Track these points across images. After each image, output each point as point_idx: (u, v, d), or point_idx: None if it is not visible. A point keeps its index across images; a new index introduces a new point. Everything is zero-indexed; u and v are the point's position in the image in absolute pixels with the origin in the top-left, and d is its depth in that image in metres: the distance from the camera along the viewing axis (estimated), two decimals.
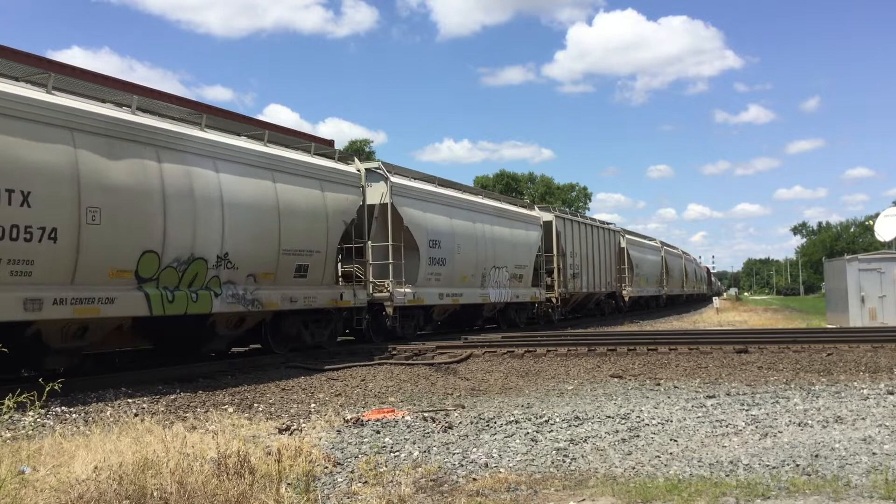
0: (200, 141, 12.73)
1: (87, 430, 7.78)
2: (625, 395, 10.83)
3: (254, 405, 10.18)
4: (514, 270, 24.21)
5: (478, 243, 21.96)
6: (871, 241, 67.03)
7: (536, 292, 26.31)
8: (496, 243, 22.97)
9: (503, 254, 23.39)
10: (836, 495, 5.30)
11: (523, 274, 24.92)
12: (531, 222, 26.54)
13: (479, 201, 23.21)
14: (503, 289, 23.45)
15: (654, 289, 45.63)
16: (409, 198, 18.88)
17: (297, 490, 5.20)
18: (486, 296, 22.56)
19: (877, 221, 34.37)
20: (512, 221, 24.63)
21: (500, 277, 23.19)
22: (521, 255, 24.79)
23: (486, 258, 22.36)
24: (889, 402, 9.60)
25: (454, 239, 20.47)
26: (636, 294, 40.13)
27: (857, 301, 24.91)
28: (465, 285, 21.13)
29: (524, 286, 25.28)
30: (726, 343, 15.80)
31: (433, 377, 12.82)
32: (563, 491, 5.59)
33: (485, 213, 22.98)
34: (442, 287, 19.96)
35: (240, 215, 13.12)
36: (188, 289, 12.19)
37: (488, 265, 22.45)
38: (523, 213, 26.43)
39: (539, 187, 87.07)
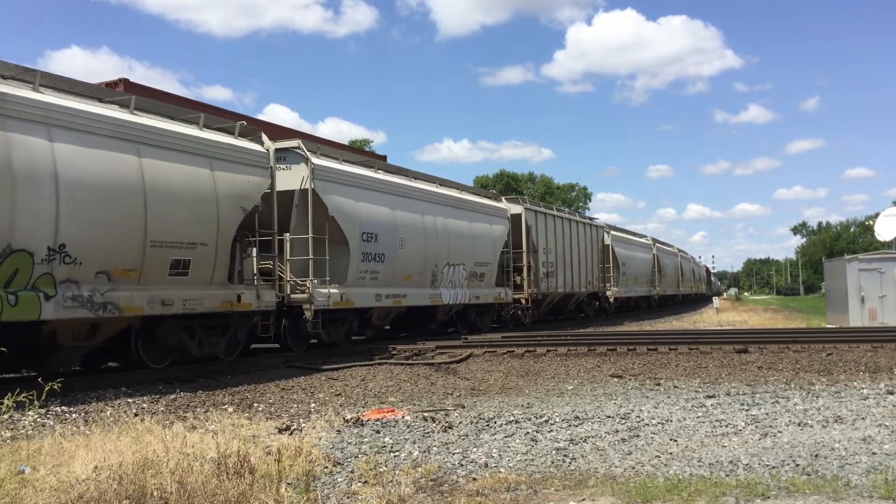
0: (25, 102, 10.11)
1: (87, 430, 7.78)
2: (625, 394, 10.83)
3: (254, 405, 10.18)
4: (474, 268, 21.48)
5: (428, 237, 19.11)
6: (871, 241, 67.03)
7: (501, 293, 23.48)
8: (451, 237, 20.20)
9: (460, 249, 20.62)
10: (836, 495, 5.30)
11: (485, 272, 22.18)
12: (496, 215, 23.49)
13: (430, 189, 20.24)
14: (460, 289, 20.70)
15: (645, 289, 42.54)
16: (336, 183, 16.06)
17: (297, 490, 5.20)
18: (438, 297, 19.70)
19: (877, 221, 34.41)
20: (472, 213, 21.77)
21: (457, 276, 20.50)
22: (482, 251, 22.07)
23: (438, 254, 19.56)
24: (889, 401, 9.60)
25: (396, 232, 17.74)
26: (623, 294, 37.48)
27: (857, 301, 24.92)
28: (410, 285, 18.41)
29: (486, 286, 22.53)
30: (726, 343, 15.80)
31: (433, 377, 12.82)
32: (563, 491, 5.59)
33: (437, 203, 20.09)
34: (380, 287, 17.25)
35: (84, 197, 10.57)
36: (4, 289, 9.68)
37: (440, 262, 19.66)
38: (487, 204, 23.41)
39: (539, 187, 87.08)
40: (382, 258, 17.23)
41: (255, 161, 13.74)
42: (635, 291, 40.13)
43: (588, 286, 31.56)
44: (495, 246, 23.12)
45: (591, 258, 32.12)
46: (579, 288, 30.43)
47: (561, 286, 28.25)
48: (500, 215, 23.80)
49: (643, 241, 44.79)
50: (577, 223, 30.95)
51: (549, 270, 26.99)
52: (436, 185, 20.93)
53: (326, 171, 15.92)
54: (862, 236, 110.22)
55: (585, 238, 31.38)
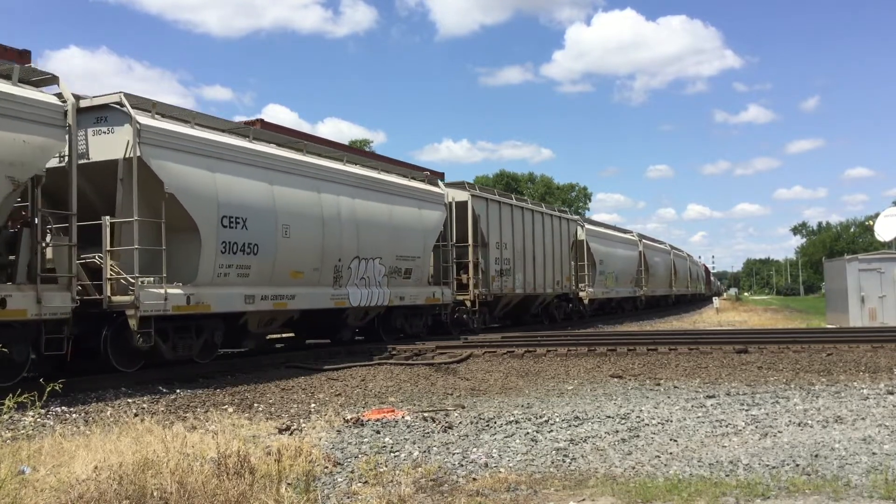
0: None
1: (87, 430, 7.79)
2: (625, 395, 10.84)
3: (254, 405, 10.19)
4: (397, 263, 17.83)
5: (327, 225, 15.33)
6: (871, 241, 67.04)
7: (437, 293, 19.63)
8: (363, 226, 16.46)
9: (375, 240, 16.95)
10: (835, 495, 5.30)
11: (413, 268, 18.35)
12: (429, 200, 19.62)
13: (328, 166, 16.14)
14: (376, 288, 17.03)
15: (628, 289, 38.65)
16: (178, 151, 12.17)
17: (297, 490, 5.20)
18: (344, 298, 15.94)
19: (877, 221, 34.41)
20: (393, 197, 17.97)
21: (371, 272, 16.84)
22: (408, 242, 18.24)
23: (343, 246, 15.87)
24: (889, 402, 9.60)
25: (276, 216, 13.90)
26: (602, 296, 33.77)
27: (857, 301, 24.92)
28: (300, 283, 14.67)
29: (415, 284, 18.67)
30: (726, 343, 15.82)
31: (433, 377, 12.83)
32: (562, 491, 5.59)
33: (341, 182, 16.18)
34: (253, 286, 13.40)
35: None
36: None
37: (346, 256, 15.96)
38: (414, 187, 19.19)
39: (539, 187, 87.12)
40: (255, 249, 13.39)
41: (40, 116, 10.35)
42: (617, 292, 36.43)
43: (556, 286, 27.82)
44: (427, 237, 19.23)
45: (561, 255, 28.37)
46: (544, 288, 26.67)
47: (520, 286, 24.68)
48: (434, 201, 19.92)
49: (627, 236, 41.10)
50: (541, 215, 27.09)
51: (504, 268, 23.46)
52: (341, 163, 16.85)
53: (162, 135, 11.96)
54: (862, 236, 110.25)
55: (553, 232, 27.72)
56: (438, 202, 20.21)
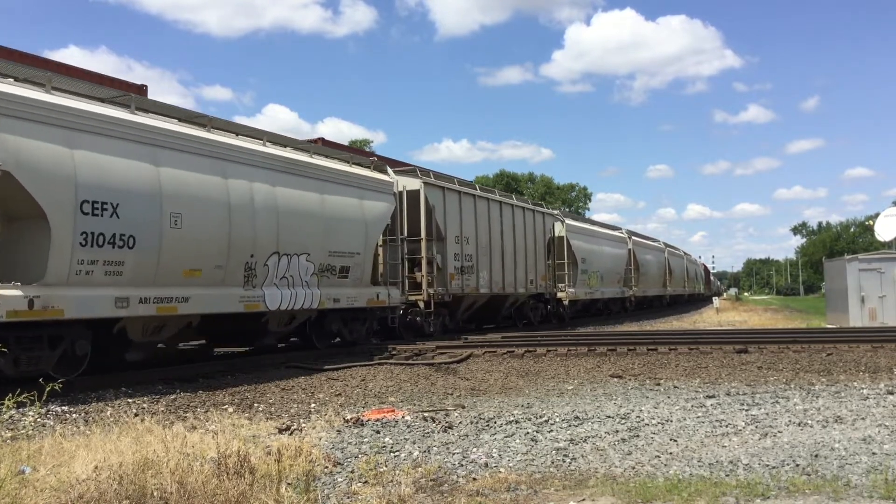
0: None
1: (88, 430, 7.79)
2: (625, 394, 10.84)
3: (254, 405, 10.19)
4: (330, 261, 15.32)
5: (235, 213, 12.78)
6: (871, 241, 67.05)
7: (382, 293, 17.11)
8: (285, 216, 13.94)
9: (301, 233, 14.46)
10: (835, 495, 5.30)
11: (351, 266, 15.84)
12: (373, 188, 16.99)
13: (239, 145, 13.35)
14: (303, 289, 14.53)
15: (615, 289, 36.35)
16: (20, 119, 9.81)
17: (297, 490, 5.20)
18: (258, 300, 13.40)
19: (877, 221, 34.40)
20: (327, 184, 15.45)
21: (296, 271, 14.36)
22: (345, 236, 15.67)
23: (258, 239, 13.30)
24: (889, 402, 9.61)
25: (162, 203, 11.47)
26: (585, 296, 31.55)
27: (857, 301, 24.93)
28: (197, 284, 12.19)
29: (354, 284, 16.06)
30: (726, 343, 15.82)
31: (433, 377, 12.83)
32: (563, 491, 5.59)
33: (257, 164, 13.49)
34: (128, 287, 11.04)
35: None
36: None
37: (262, 251, 13.42)
38: (356, 174, 16.60)
39: (539, 187, 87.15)
40: (131, 242, 11.07)
41: None
42: (602, 293, 34.09)
43: (530, 286, 25.68)
44: (370, 231, 16.58)
45: (535, 252, 26.25)
46: (516, 288, 24.56)
47: (485, 285, 22.44)
48: (380, 189, 17.24)
49: (614, 233, 39.01)
50: (511, 207, 24.86)
51: (465, 265, 21.21)
52: (260, 143, 14.18)
53: None
54: (862, 236, 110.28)
55: (526, 227, 25.58)
56: (385, 191, 17.52)
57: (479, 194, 22.92)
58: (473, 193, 22.50)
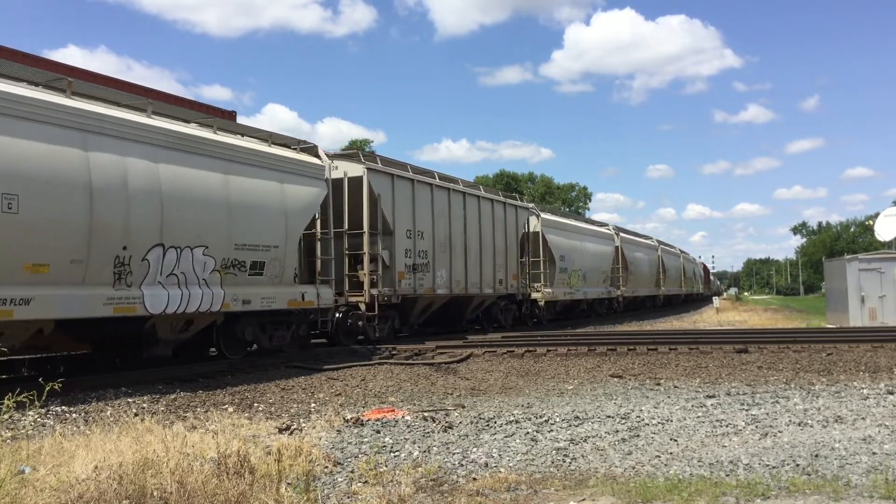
0: None
1: (88, 430, 7.79)
2: (625, 394, 10.84)
3: (254, 405, 10.19)
4: (238, 254, 13.01)
5: (98, 196, 10.68)
6: (871, 241, 67.03)
7: (309, 293, 14.75)
8: (172, 201, 11.73)
9: (197, 222, 12.21)
10: (836, 495, 5.30)
11: (268, 261, 13.59)
12: (298, 172, 14.67)
13: (106, 114, 11.20)
14: (199, 288, 12.27)
15: (600, 289, 33.71)
16: None
17: (297, 490, 5.20)
18: (133, 302, 11.16)
19: (877, 221, 34.42)
20: (234, 164, 13.07)
21: (189, 267, 12.09)
22: (258, 227, 13.37)
23: (132, 227, 11.13)
24: (889, 401, 9.61)
25: None
26: (564, 297, 29.11)
27: (857, 301, 24.94)
28: (44, 282, 10.10)
29: (272, 283, 13.75)
30: (726, 343, 15.83)
31: (433, 377, 12.83)
32: (563, 491, 5.59)
33: (133, 138, 11.30)
34: None
35: None
36: None
37: (139, 242, 11.26)
38: (275, 154, 14.23)
39: (539, 187, 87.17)
40: None
41: None
42: (585, 293, 31.43)
43: (500, 286, 23.34)
44: (292, 221, 14.33)
45: (506, 249, 23.88)
46: (482, 288, 22.17)
47: (444, 285, 20.06)
48: (307, 174, 14.93)
49: (600, 230, 36.31)
50: (477, 199, 22.42)
51: (418, 262, 18.90)
52: (143, 114, 11.90)
53: None
54: (862, 236, 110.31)
55: (495, 221, 23.27)
56: (314, 175, 15.15)
57: (438, 183, 20.33)
58: (430, 182, 20.00)
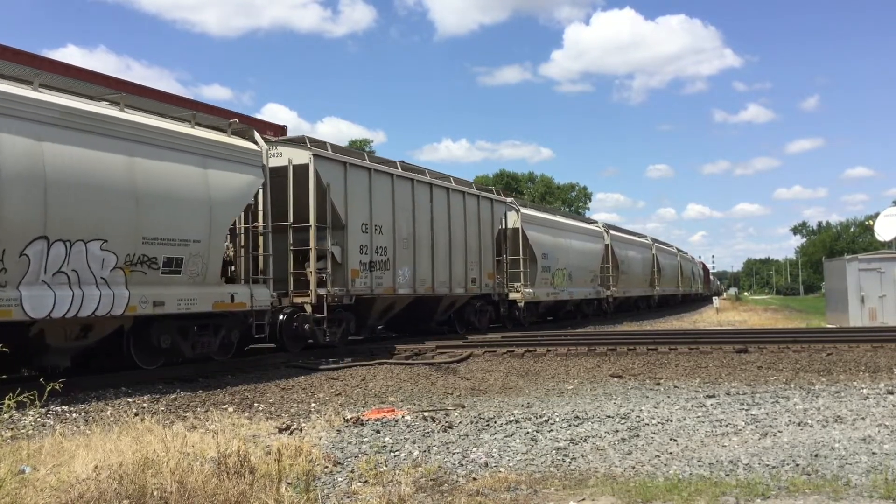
0: None
1: (88, 430, 7.79)
2: (625, 394, 10.84)
3: (254, 405, 10.19)
4: (148, 250, 11.43)
5: None
6: (871, 240, 66.99)
7: (239, 294, 13.15)
8: (59, 186, 10.26)
9: (94, 211, 10.71)
10: (835, 495, 5.30)
11: (187, 258, 11.97)
12: (228, 158, 13.01)
13: None
14: (97, 288, 10.76)
15: (588, 289, 31.53)
16: None
17: (297, 489, 5.20)
18: (9, 305, 9.71)
19: (877, 221, 34.43)
20: (142, 146, 11.42)
21: (84, 264, 10.59)
22: (175, 217, 11.78)
23: (7, 217, 9.71)
24: (889, 401, 9.61)
25: None
26: (547, 297, 27.16)
27: (857, 301, 24.94)
28: None
29: (192, 282, 12.15)
30: (726, 343, 15.82)
31: (433, 377, 12.83)
32: (562, 490, 5.60)
33: (9, 113, 9.82)
34: None
35: None
36: None
37: (14, 235, 9.83)
38: (197, 136, 12.56)
39: (539, 187, 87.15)
40: None
41: None
42: (570, 293, 29.40)
43: (472, 285, 21.47)
44: (218, 212, 12.65)
45: (480, 245, 21.96)
46: (452, 287, 20.28)
47: (407, 284, 18.24)
48: (238, 159, 13.21)
49: (588, 227, 34.41)
50: (446, 191, 20.42)
51: (376, 260, 17.08)
52: (31, 88, 10.46)
53: None
54: (862, 236, 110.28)
55: (468, 215, 21.36)
56: (248, 162, 13.46)
57: (400, 173, 18.38)
58: (391, 172, 18.03)
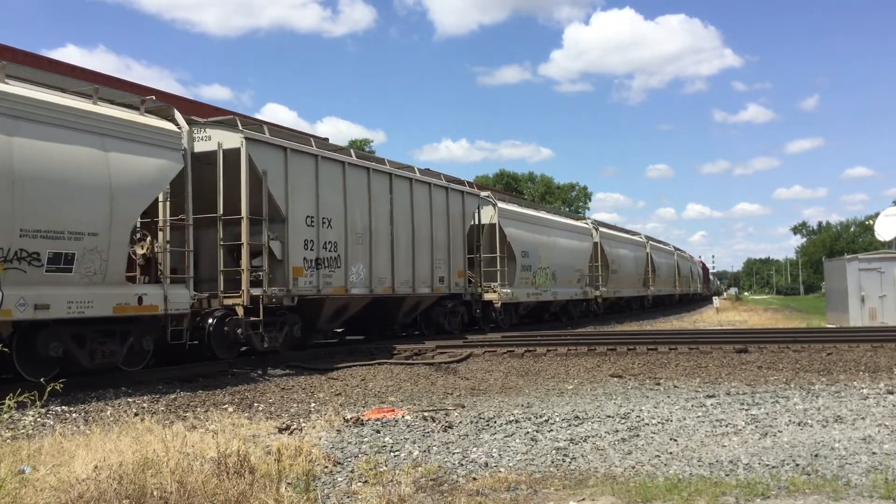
0: None
1: (88, 430, 7.79)
2: (625, 394, 10.84)
3: (254, 405, 10.19)
4: (28, 244, 9.96)
5: None
6: (871, 240, 66.97)
7: (147, 296, 11.49)
8: None
9: None
10: (835, 495, 5.30)
11: (79, 253, 10.45)
12: (133, 138, 11.45)
13: None
14: None
15: (574, 290, 29.57)
16: None
17: (297, 489, 5.20)
18: None
19: (877, 221, 34.43)
20: (22, 123, 10.02)
21: None
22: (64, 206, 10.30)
23: None
24: (889, 401, 9.61)
25: None
26: (529, 298, 25.28)
27: (857, 301, 24.94)
28: None
29: (88, 282, 10.62)
30: (726, 343, 15.81)
31: (433, 377, 12.83)
32: (562, 490, 5.60)
33: None
34: None
35: None
36: None
37: None
38: (96, 113, 11.01)
39: (539, 187, 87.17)
40: None
41: None
42: (554, 294, 27.55)
43: (440, 284, 19.56)
44: (120, 200, 11.12)
45: (450, 241, 20.03)
46: (415, 287, 18.39)
47: (361, 283, 16.32)
48: (149, 140, 11.69)
49: (575, 223, 32.38)
50: (410, 182, 18.47)
51: (323, 256, 15.22)
52: None
53: None
54: (862, 236, 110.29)
55: (434, 209, 19.40)
56: (164, 144, 11.94)
57: (354, 161, 16.47)
58: (342, 160, 16.11)
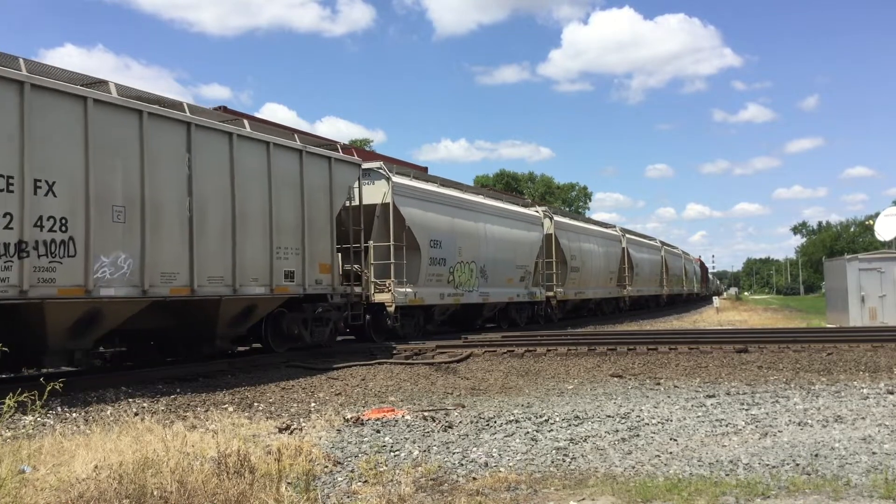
0: None
1: (88, 430, 7.79)
2: (625, 394, 10.84)
3: (254, 404, 10.19)
4: None
5: None
6: (871, 240, 66.97)
7: None
8: None
9: None
10: (835, 495, 5.30)
11: None
12: None
13: None
14: None
15: (517, 290, 25.82)
16: None
17: (297, 489, 5.20)
18: None
19: (877, 221, 34.40)
20: None
21: None
22: None
23: None
24: (889, 401, 9.61)
25: None
26: (443, 300, 20.86)
27: (857, 301, 24.93)
28: None
29: None
30: (726, 342, 15.81)
31: (433, 376, 12.82)
32: (562, 490, 5.60)
33: None
34: None
35: None
36: None
37: None
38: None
39: (539, 187, 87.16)
40: None
41: None
42: (483, 295, 23.10)
43: (288, 282, 14.27)
44: None
45: (304, 224, 14.70)
46: (240, 286, 12.98)
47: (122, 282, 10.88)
48: None
49: (522, 210, 27.60)
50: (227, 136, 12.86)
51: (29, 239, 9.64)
52: None
53: None
54: (862, 236, 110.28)
55: (274, 177, 13.87)
56: None
57: (106, 98, 10.85)
58: (82, 95, 10.48)
